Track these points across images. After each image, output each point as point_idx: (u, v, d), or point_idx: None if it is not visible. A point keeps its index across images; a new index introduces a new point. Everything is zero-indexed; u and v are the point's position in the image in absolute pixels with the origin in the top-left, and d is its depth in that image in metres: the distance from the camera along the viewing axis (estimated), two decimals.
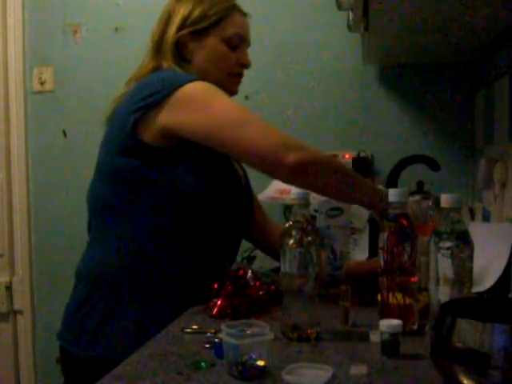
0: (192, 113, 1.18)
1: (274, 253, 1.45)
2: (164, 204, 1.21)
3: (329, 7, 1.88)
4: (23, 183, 2.37)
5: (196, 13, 1.31)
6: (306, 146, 1.18)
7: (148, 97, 1.19)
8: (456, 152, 2.09)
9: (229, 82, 1.36)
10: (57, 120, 2.35)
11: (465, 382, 0.70)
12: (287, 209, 1.95)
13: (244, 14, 1.39)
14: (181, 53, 1.32)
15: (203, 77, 1.29)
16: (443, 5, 1.29)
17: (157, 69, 1.31)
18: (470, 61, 2.01)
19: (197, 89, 1.21)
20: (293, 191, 1.04)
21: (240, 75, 1.39)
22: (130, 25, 2.29)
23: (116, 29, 2.29)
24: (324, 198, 1.26)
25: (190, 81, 1.20)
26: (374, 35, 1.59)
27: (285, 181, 1.21)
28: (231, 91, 1.38)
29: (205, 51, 1.32)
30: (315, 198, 1.24)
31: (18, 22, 2.33)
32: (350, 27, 1.64)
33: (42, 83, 2.34)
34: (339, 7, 1.54)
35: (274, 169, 1.17)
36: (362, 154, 2.07)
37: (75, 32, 2.32)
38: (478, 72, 1.99)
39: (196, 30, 1.31)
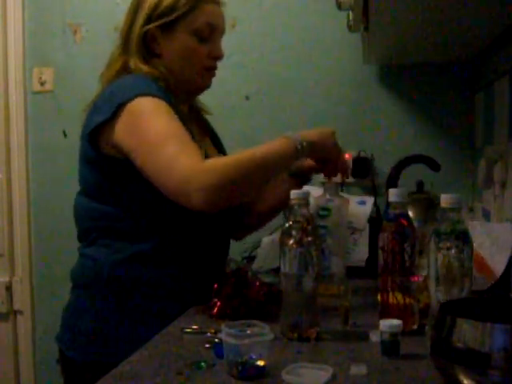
0: (127, 135, 1.16)
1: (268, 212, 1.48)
2: (145, 211, 1.21)
3: (329, 7, 1.88)
4: (23, 183, 2.36)
5: (164, 4, 1.26)
6: (208, 181, 1.06)
7: (102, 112, 1.18)
8: (456, 152, 2.08)
9: (201, 76, 1.32)
10: (57, 120, 2.34)
11: (465, 382, 0.70)
12: (287, 209, 1.95)
13: (216, 3, 1.32)
14: (149, 47, 1.28)
15: (173, 73, 1.27)
16: (443, 5, 1.29)
17: (124, 68, 1.28)
18: (470, 61, 2.00)
19: (136, 109, 1.16)
20: (293, 191, 1.04)
21: (213, 68, 1.33)
22: None
23: (116, 29, 2.28)
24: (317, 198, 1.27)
25: (136, 96, 1.16)
26: (373, 35, 1.59)
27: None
28: (204, 86, 1.35)
29: (174, 46, 1.28)
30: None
31: (18, 22, 2.33)
32: (350, 27, 1.64)
33: (42, 83, 2.34)
34: (339, 7, 1.54)
35: (193, 208, 1.10)
36: (362, 154, 2.07)
37: (75, 32, 2.32)
38: (478, 72, 1.99)
39: (164, 23, 1.26)
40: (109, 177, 1.22)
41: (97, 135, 1.20)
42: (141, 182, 1.18)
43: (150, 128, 1.14)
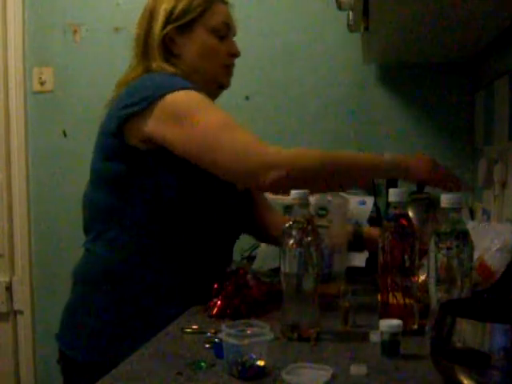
0: (173, 126, 1.17)
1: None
2: (154, 207, 1.21)
3: (329, 7, 1.88)
4: (23, 183, 2.36)
5: (179, 7, 1.28)
6: (281, 161, 1.14)
7: (135, 103, 1.18)
8: (456, 152, 2.08)
9: (221, 74, 1.34)
10: (57, 120, 2.34)
11: (465, 382, 0.70)
12: (287, 209, 1.95)
13: (226, 3, 1.36)
14: (169, 49, 1.29)
15: (195, 71, 1.28)
16: (443, 5, 1.29)
17: (146, 71, 1.28)
18: (470, 61, 2.00)
19: (180, 100, 1.19)
20: (293, 191, 1.04)
21: (231, 66, 1.36)
22: (130, 25, 2.27)
23: (116, 29, 2.29)
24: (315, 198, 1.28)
25: (176, 89, 1.18)
26: (374, 35, 1.59)
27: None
28: (224, 84, 1.36)
29: (194, 45, 1.30)
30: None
31: (18, 22, 2.33)
32: (350, 27, 1.64)
33: (41, 83, 2.34)
34: (339, 7, 1.54)
35: (255, 188, 1.20)
36: None
37: (75, 32, 2.32)
38: (478, 72, 1.99)
39: (181, 24, 1.28)
40: (130, 170, 1.21)
41: (124, 128, 1.20)
42: (162, 177, 1.20)
43: (206, 121, 1.17)
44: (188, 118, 1.17)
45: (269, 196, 1.81)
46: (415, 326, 1.00)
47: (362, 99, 2.14)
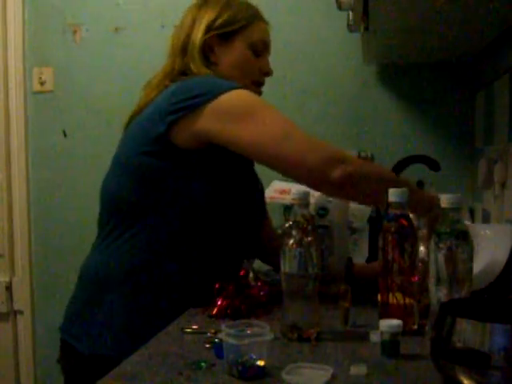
0: (235, 123, 1.17)
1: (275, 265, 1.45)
2: (182, 209, 1.21)
3: (329, 7, 1.88)
4: (23, 183, 2.36)
5: (224, 16, 1.31)
6: (349, 158, 1.17)
7: (188, 99, 1.17)
8: (456, 152, 2.08)
9: (251, 90, 1.32)
10: (57, 120, 2.35)
11: (465, 382, 0.70)
12: (287, 209, 1.95)
13: (266, 23, 1.39)
14: (207, 56, 1.31)
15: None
16: (443, 5, 1.29)
17: (184, 71, 1.29)
18: (470, 61, 2.01)
19: (241, 98, 1.20)
20: (293, 191, 1.04)
21: (261, 84, 1.38)
22: (130, 25, 2.28)
23: (116, 29, 2.29)
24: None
25: (234, 88, 1.19)
26: (374, 35, 1.59)
27: (329, 194, 1.24)
28: None
29: (230, 56, 1.31)
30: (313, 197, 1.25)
31: (18, 22, 2.33)
32: (350, 27, 1.64)
33: (41, 83, 2.34)
34: (339, 7, 1.54)
35: (319, 183, 1.17)
36: (362, 154, 2.07)
37: (75, 32, 2.32)
38: (478, 72, 1.99)
39: (224, 32, 1.30)
40: (170, 168, 1.20)
41: (173, 124, 1.18)
42: (198, 179, 1.20)
43: (270, 117, 1.20)
44: (255, 114, 1.18)
45: (268, 197, 1.81)
46: (415, 326, 1.00)
47: (362, 99, 2.14)
